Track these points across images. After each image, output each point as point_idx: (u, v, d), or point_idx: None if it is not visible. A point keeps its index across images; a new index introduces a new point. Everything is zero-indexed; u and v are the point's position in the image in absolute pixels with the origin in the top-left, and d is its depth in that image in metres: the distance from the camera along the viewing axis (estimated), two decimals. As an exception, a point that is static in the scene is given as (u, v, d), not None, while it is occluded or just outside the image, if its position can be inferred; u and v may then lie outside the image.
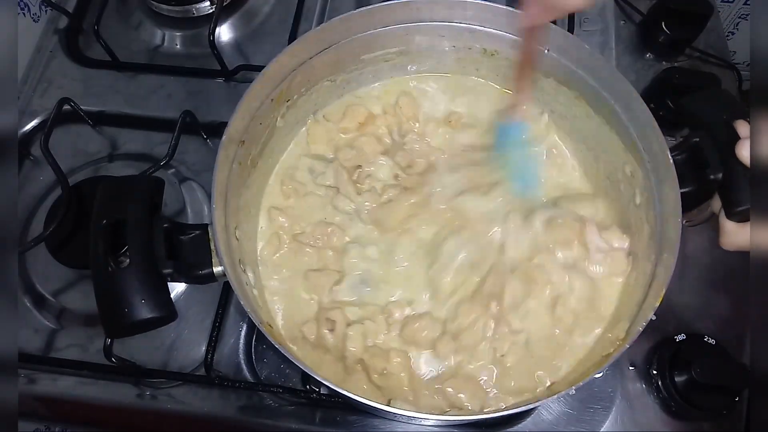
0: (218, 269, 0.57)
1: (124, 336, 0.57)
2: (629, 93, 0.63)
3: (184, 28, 0.97)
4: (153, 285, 0.53)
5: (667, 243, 0.58)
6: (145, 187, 0.58)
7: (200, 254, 0.57)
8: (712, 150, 0.57)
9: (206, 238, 0.57)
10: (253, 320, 0.55)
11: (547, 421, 0.71)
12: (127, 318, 0.52)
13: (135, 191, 0.57)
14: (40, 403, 0.75)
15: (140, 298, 0.52)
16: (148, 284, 0.53)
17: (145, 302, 0.52)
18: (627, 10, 0.95)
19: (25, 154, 0.88)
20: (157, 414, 0.73)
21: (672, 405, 0.70)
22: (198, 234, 0.58)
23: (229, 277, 0.56)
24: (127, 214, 0.55)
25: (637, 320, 0.57)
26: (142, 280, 0.53)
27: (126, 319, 0.52)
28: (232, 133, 0.62)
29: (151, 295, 0.53)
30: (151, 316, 0.52)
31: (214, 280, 0.57)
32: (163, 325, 0.55)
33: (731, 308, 0.76)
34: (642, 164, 0.64)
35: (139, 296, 0.52)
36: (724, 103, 0.60)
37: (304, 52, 0.68)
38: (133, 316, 0.52)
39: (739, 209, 0.55)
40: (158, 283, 0.54)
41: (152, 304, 0.53)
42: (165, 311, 0.53)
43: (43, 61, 0.95)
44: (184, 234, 0.58)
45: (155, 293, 0.53)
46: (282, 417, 0.72)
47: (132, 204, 0.56)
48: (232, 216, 0.63)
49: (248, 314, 0.56)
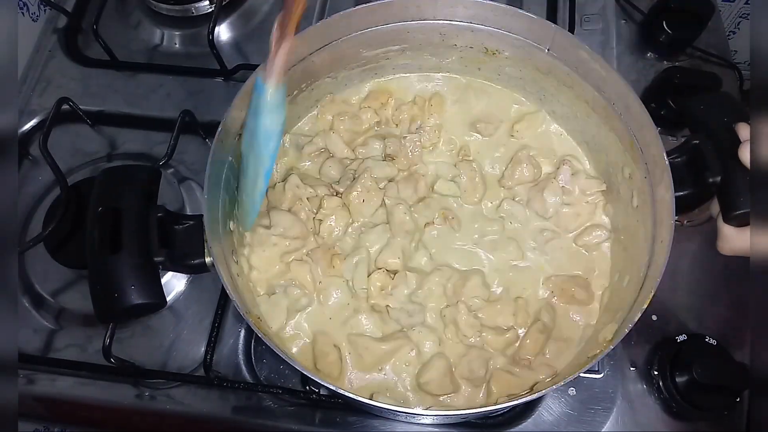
0: (210, 260, 0.57)
1: (115, 321, 0.58)
2: (627, 94, 0.63)
3: (183, 28, 0.97)
4: (144, 272, 0.54)
5: (659, 245, 0.58)
6: (141, 177, 0.59)
7: (193, 244, 0.57)
8: (712, 153, 0.57)
9: (200, 229, 0.58)
10: (239, 311, 0.55)
11: (548, 422, 0.71)
12: (117, 303, 0.53)
13: (131, 180, 0.58)
14: (39, 403, 0.75)
15: (130, 284, 0.53)
16: (139, 271, 0.54)
17: (135, 288, 0.53)
18: (628, 10, 0.95)
19: (24, 154, 0.88)
20: (156, 414, 0.73)
21: (673, 405, 0.70)
22: (192, 224, 0.58)
23: (217, 267, 0.56)
24: (122, 203, 0.56)
25: (625, 322, 0.57)
26: (134, 267, 0.53)
27: (116, 304, 0.53)
28: (228, 126, 0.62)
29: (141, 281, 0.53)
30: (140, 302, 0.53)
31: (206, 270, 0.58)
32: (152, 311, 0.55)
33: (732, 308, 0.76)
34: (640, 166, 0.63)
35: (130, 282, 0.53)
36: (726, 107, 0.60)
37: (303, 48, 0.67)
38: (123, 302, 0.53)
39: (737, 213, 0.55)
40: (149, 271, 0.55)
41: (142, 290, 0.53)
42: (154, 298, 0.54)
43: (42, 61, 0.94)
44: (179, 224, 0.59)
45: (146, 280, 0.54)
46: (281, 418, 0.72)
47: (128, 193, 0.57)
48: (225, 208, 0.63)
49: (234, 304, 0.56)
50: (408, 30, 0.70)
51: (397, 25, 0.70)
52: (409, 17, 0.69)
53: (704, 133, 0.58)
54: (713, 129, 0.58)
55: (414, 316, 0.66)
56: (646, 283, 0.58)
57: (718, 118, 0.58)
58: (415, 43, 0.73)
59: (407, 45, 0.73)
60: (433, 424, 0.72)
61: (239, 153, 0.62)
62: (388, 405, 0.55)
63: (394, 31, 0.70)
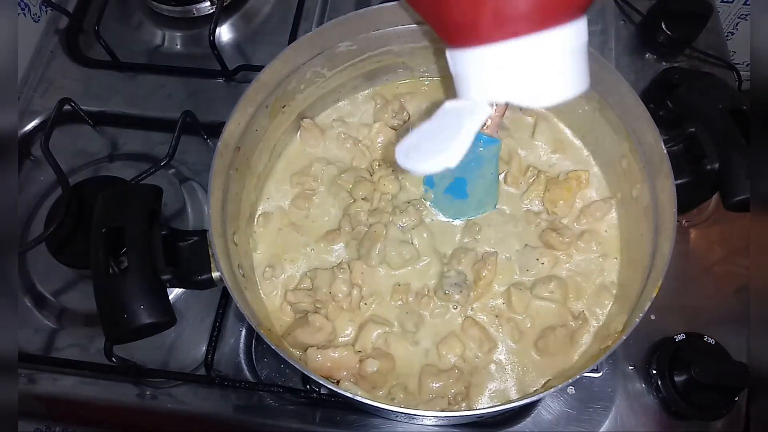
0: (217, 275, 0.57)
1: (125, 342, 0.58)
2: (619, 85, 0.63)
3: (184, 29, 0.98)
4: (152, 291, 0.54)
5: (663, 233, 0.59)
6: (143, 195, 0.59)
7: (199, 260, 0.58)
8: (709, 140, 0.57)
9: (205, 244, 0.58)
10: (251, 325, 0.56)
11: (547, 421, 0.71)
12: (127, 324, 0.53)
13: (134, 199, 0.58)
14: (40, 402, 0.75)
15: (139, 304, 0.53)
16: (147, 290, 0.54)
17: (144, 308, 0.53)
18: (626, 10, 0.95)
19: (26, 155, 0.89)
20: (158, 414, 0.73)
21: (671, 405, 0.70)
22: (196, 240, 0.59)
23: (226, 283, 0.56)
24: (126, 222, 0.56)
25: (635, 312, 0.57)
26: (141, 287, 0.53)
27: (126, 325, 0.53)
28: (228, 140, 0.62)
29: (150, 301, 0.53)
30: (150, 322, 0.53)
31: (213, 285, 0.58)
32: (162, 330, 0.55)
33: (731, 308, 0.76)
34: (637, 156, 0.64)
35: (138, 302, 0.53)
36: (720, 93, 0.60)
37: (298, 58, 0.67)
38: (133, 322, 0.53)
39: (736, 199, 0.55)
40: (157, 289, 0.55)
41: (151, 309, 0.53)
42: (164, 317, 0.54)
43: (44, 62, 0.95)
44: (183, 240, 0.59)
45: (154, 299, 0.54)
46: (282, 417, 0.72)
47: (131, 212, 0.57)
48: (230, 221, 0.63)
49: (246, 319, 0.56)
50: (401, 35, 0.70)
51: (391, 29, 0.70)
52: (404, 22, 0.69)
53: (699, 121, 0.58)
54: (708, 116, 0.58)
55: None
56: (652, 273, 0.58)
57: (713, 105, 0.58)
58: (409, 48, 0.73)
59: (401, 50, 0.73)
60: (433, 424, 0.73)
61: (237, 167, 0.64)
62: (387, 405, 0.55)
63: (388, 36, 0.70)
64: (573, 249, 0.69)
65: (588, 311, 0.67)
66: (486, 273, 0.66)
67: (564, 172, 0.73)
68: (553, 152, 0.75)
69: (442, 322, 0.66)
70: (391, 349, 0.65)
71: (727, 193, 0.56)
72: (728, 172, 0.55)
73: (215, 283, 0.58)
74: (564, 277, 0.68)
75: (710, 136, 0.57)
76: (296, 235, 0.71)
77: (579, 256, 0.69)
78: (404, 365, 0.65)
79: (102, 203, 0.58)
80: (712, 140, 0.57)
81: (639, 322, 0.54)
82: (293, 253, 0.70)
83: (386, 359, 0.64)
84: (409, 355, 0.65)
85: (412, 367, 0.65)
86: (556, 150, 0.75)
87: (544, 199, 0.71)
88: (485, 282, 0.66)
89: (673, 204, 0.57)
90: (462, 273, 0.67)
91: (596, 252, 0.69)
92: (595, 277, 0.68)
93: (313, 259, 0.70)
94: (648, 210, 0.63)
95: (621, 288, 0.67)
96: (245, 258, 0.67)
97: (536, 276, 0.68)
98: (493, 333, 0.66)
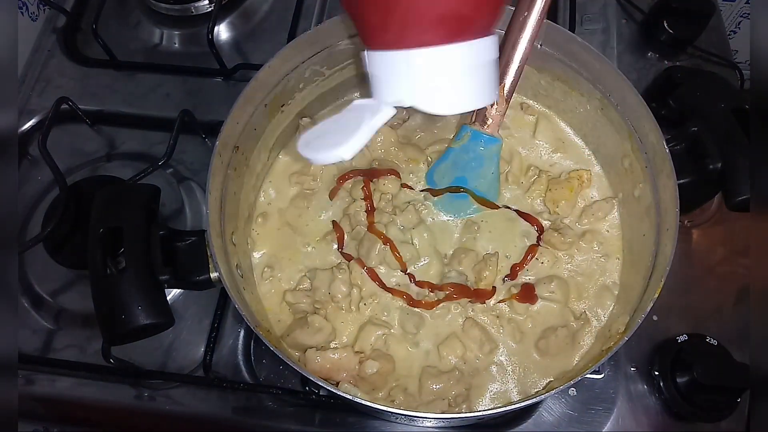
0: (215, 275, 0.57)
1: (123, 343, 0.58)
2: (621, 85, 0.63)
3: (182, 27, 0.97)
4: (149, 292, 0.54)
5: (665, 233, 0.58)
6: (141, 195, 0.59)
7: (197, 260, 0.57)
8: (711, 139, 0.56)
9: (203, 244, 0.57)
10: (249, 325, 0.55)
11: (549, 422, 0.71)
12: (125, 325, 0.52)
13: (132, 199, 0.58)
14: (39, 403, 0.75)
15: (137, 305, 0.53)
16: (144, 291, 0.53)
17: (142, 309, 0.53)
18: (628, 9, 0.95)
19: (23, 154, 0.88)
20: (156, 415, 0.73)
21: (674, 406, 0.70)
22: (195, 240, 0.58)
23: (225, 283, 0.56)
24: (124, 222, 0.55)
25: (637, 313, 0.57)
26: (139, 288, 0.53)
27: (123, 326, 0.53)
28: (226, 139, 0.62)
29: (147, 302, 0.53)
30: (148, 323, 0.53)
31: (211, 286, 0.58)
32: (160, 331, 0.55)
33: (733, 309, 0.75)
34: (639, 155, 0.63)
35: (136, 303, 0.53)
36: (722, 93, 0.60)
37: (297, 56, 0.67)
38: (131, 323, 0.52)
39: (739, 199, 0.55)
40: (155, 290, 0.54)
41: (149, 310, 0.53)
42: (162, 318, 0.54)
43: (41, 60, 0.94)
44: (181, 240, 0.58)
45: (152, 300, 0.53)
46: (281, 418, 0.72)
47: (129, 212, 0.56)
48: (228, 221, 0.63)
49: (245, 320, 0.55)
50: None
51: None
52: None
53: (702, 120, 0.58)
54: (711, 115, 0.57)
55: None
56: (654, 273, 0.58)
57: (714, 104, 0.58)
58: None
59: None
60: (433, 426, 0.72)
61: (236, 166, 0.64)
62: (387, 407, 0.55)
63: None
64: (574, 249, 0.69)
65: (589, 312, 0.66)
66: (487, 274, 0.66)
67: (565, 171, 0.73)
68: (554, 151, 0.74)
69: (442, 323, 0.66)
70: (391, 351, 0.65)
71: (729, 193, 0.56)
72: (731, 171, 0.55)
73: (213, 283, 0.57)
74: (565, 278, 0.68)
75: (713, 135, 0.57)
76: (295, 235, 0.71)
77: (580, 256, 0.69)
78: (404, 366, 0.65)
79: (99, 203, 0.58)
80: (714, 140, 0.56)
81: (641, 323, 0.54)
82: (292, 254, 0.70)
83: (386, 360, 0.63)
84: (409, 356, 0.65)
85: (412, 368, 0.65)
86: (557, 149, 0.74)
87: (545, 198, 0.71)
88: (486, 283, 0.66)
89: (675, 204, 0.56)
90: (463, 273, 0.67)
91: (598, 252, 0.69)
92: (596, 278, 0.68)
93: (313, 260, 0.70)
94: (650, 210, 0.62)
95: (623, 288, 0.67)
96: (244, 258, 0.66)
97: (537, 276, 0.68)
98: (494, 334, 0.65)
